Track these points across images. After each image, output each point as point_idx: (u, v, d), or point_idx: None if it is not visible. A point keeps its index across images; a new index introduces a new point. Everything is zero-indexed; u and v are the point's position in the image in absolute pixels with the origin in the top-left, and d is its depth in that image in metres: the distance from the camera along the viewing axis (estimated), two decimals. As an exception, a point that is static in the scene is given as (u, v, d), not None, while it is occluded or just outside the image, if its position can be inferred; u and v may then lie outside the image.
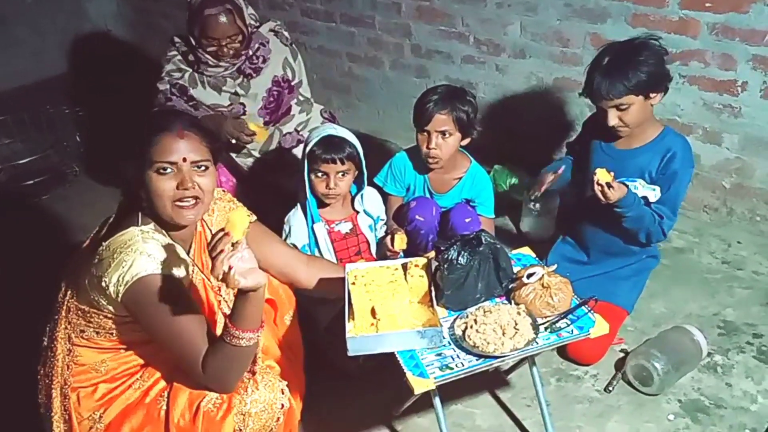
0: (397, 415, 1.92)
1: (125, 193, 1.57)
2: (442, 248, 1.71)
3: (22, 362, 1.71)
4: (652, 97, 1.97)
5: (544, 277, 1.65)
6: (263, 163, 2.79)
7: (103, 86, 4.23)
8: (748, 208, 2.62)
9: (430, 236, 2.28)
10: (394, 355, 1.53)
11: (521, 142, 3.09)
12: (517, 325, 1.55)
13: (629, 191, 1.95)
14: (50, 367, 1.55)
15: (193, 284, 1.56)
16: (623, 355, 2.11)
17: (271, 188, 2.77)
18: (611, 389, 2.01)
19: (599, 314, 1.63)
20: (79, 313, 1.49)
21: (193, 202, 1.48)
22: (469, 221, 2.23)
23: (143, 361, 1.56)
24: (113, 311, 1.44)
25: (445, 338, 1.56)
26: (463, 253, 1.65)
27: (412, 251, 2.21)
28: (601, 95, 1.95)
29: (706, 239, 2.63)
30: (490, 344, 1.51)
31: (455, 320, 1.61)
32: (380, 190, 2.41)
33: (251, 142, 2.67)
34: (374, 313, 1.60)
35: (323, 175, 2.14)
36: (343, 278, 1.71)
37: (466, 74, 3.22)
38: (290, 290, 1.86)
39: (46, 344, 1.59)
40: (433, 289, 1.66)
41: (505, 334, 1.53)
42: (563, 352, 2.12)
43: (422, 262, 1.74)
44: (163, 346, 1.46)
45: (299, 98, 2.80)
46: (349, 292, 1.65)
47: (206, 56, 2.53)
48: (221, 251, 1.27)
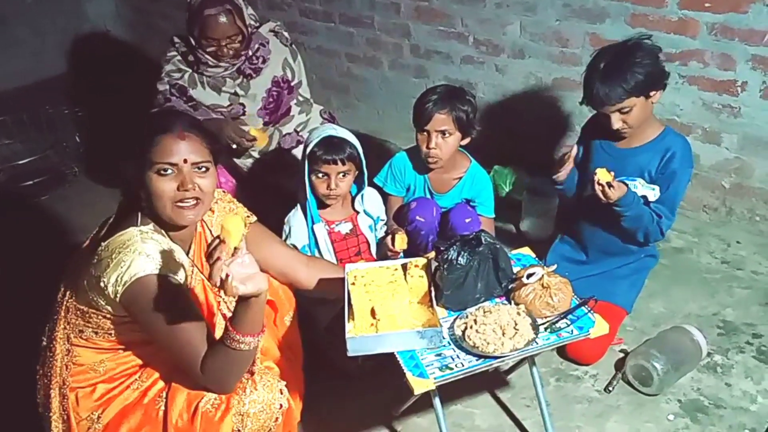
0: (396, 415, 1.92)
1: (125, 193, 1.57)
2: (441, 248, 1.71)
3: (21, 362, 1.71)
4: (652, 95, 1.97)
5: (543, 277, 1.65)
6: (263, 163, 2.79)
7: (102, 86, 4.22)
8: (747, 207, 2.62)
9: (430, 237, 2.28)
10: (393, 355, 1.53)
11: (521, 142, 3.09)
12: (516, 325, 1.55)
13: (629, 190, 1.96)
14: (49, 367, 1.55)
15: (192, 285, 1.56)
16: (623, 355, 2.11)
17: (270, 189, 2.77)
18: (611, 389, 2.01)
19: (598, 314, 1.63)
20: (78, 313, 1.49)
21: (193, 202, 1.48)
22: (469, 221, 2.23)
23: (142, 361, 1.56)
24: (112, 311, 1.44)
25: (444, 338, 1.56)
26: (462, 253, 1.65)
27: (412, 251, 2.20)
28: (602, 101, 1.95)
29: (705, 239, 2.63)
30: (489, 344, 1.51)
31: (455, 320, 1.61)
32: (380, 190, 2.40)
33: (252, 147, 2.67)
34: (374, 313, 1.60)
35: (324, 175, 2.14)
36: (343, 278, 1.70)
37: (465, 74, 3.22)
38: (290, 291, 1.86)
39: (45, 344, 1.59)
40: (432, 289, 1.66)
41: (504, 334, 1.53)
42: (563, 352, 2.12)
43: (422, 262, 1.74)
44: (161, 346, 1.46)
45: (299, 99, 2.79)
46: (348, 292, 1.65)
47: (206, 56, 2.53)
48: (218, 258, 1.26)
